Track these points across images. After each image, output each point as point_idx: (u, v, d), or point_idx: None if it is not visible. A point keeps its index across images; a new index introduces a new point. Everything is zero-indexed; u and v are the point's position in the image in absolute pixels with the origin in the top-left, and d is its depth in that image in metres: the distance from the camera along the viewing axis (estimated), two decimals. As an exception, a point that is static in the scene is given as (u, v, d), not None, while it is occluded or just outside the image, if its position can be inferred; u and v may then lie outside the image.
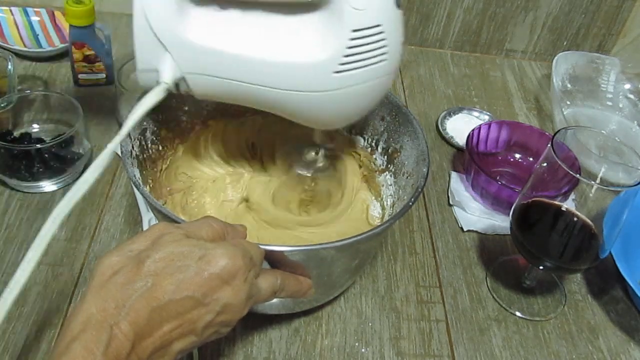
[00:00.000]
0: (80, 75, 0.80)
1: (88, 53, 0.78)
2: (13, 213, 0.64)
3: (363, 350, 0.57)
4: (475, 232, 0.70)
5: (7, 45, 0.83)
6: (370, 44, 0.48)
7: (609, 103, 0.93)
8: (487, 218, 0.72)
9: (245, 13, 0.48)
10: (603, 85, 0.94)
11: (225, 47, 0.47)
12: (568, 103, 0.92)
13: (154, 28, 0.46)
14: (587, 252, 0.56)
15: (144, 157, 0.58)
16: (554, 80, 0.87)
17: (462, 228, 0.71)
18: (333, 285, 0.56)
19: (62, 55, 0.86)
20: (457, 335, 0.60)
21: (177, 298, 0.37)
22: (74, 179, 0.68)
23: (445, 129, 0.85)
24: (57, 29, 0.89)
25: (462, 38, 1.01)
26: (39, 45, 0.87)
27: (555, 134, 0.54)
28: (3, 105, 0.68)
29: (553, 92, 0.88)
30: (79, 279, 0.59)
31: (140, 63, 0.48)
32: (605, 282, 0.67)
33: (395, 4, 0.48)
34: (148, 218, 0.64)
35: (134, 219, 0.65)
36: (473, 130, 0.76)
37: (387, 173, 0.64)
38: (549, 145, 0.53)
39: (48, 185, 0.67)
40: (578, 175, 0.51)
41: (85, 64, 0.79)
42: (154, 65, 0.48)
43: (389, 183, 0.63)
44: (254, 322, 0.58)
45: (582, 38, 1.02)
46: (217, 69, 0.48)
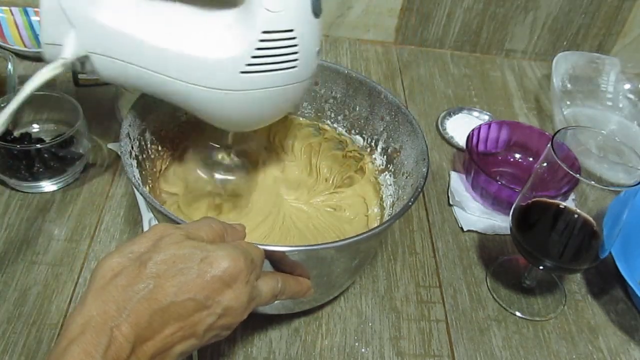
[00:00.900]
0: (80, 75, 0.80)
1: (88, 53, 0.78)
2: (13, 213, 0.64)
3: (363, 350, 0.57)
4: (475, 232, 0.70)
5: (7, 45, 0.83)
6: (281, 48, 0.47)
7: (609, 103, 0.93)
8: (487, 218, 0.72)
9: (162, 1, 0.48)
10: (603, 85, 0.94)
11: (133, 30, 0.47)
12: (568, 103, 0.92)
13: (62, 1, 0.46)
14: (587, 252, 0.56)
15: (144, 157, 0.58)
16: (554, 80, 0.87)
17: (462, 228, 0.71)
18: (333, 285, 0.56)
19: (62, 55, 0.86)
20: (457, 335, 0.60)
21: (178, 300, 0.37)
22: (74, 179, 0.69)
23: (445, 129, 0.85)
24: (57, 29, 0.89)
25: (462, 38, 1.01)
26: (39, 45, 0.86)
27: (555, 134, 0.54)
28: (3, 105, 0.68)
29: (553, 92, 0.88)
30: (79, 279, 0.59)
31: (45, 36, 0.48)
32: (605, 282, 0.67)
33: (312, 12, 0.48)
34: (148, 218, 0.64)
35: (134, 219, 0.65)
36: (473, 130, 0.76)
37: (386, 173, 0.64)
38: (549, 145, 0.53)
39: (48, 185, 0.67)
40: (578, 175, 0.51)
41: (85, 64, 0.79)
42: (58, 40, 0.47)
43: (389, 183, 0.63)
44: (254, 322, 0.58)
45: (582, 38, 1.02)
46: (122, 52, 0.48)
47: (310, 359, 0.56)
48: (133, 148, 0.55)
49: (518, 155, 0.79)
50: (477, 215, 0.72)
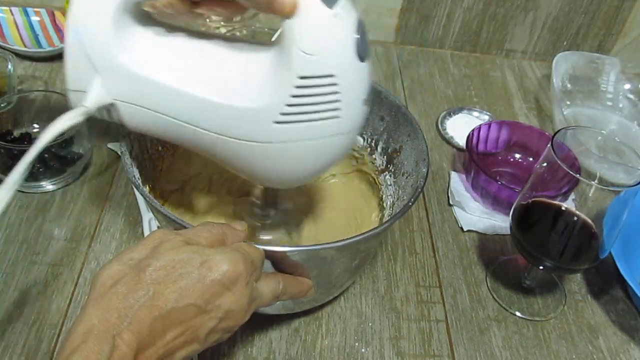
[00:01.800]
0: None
1: (88, 53, 0.77)
2: (13, 213, 0.64)
3: (363, 350, 0.57)
4: (475, 232, 0.70)
5: (7, 45, 0.83)
6: (319, 96, 0.42)
7: (609, 103, 0.93)
8: (487, 218, 0.72)
9: (192, 43, 0.44)
10: (603, 85, 0.94)
11: (161, 77, 0.43)
12: (568, 103, 0.92)
13: (87, 47, 0.42)
14: (587, 252, 0.56)
15: (144, 157, 0.58)
16: (554, 80, 0.87)
17: (462, 228, 0.71)
18: (333, 285, 0.56)
19: (62, 55, 0.85)
20: (457, 335, 0.60)
21: (179, 306, 0.37)
22: (74, 179, 0.68)
23: (445, 129, 0.85)
24: (57, 29, 0.89)
25: (462, 38, 1.01)
26: (39, 45, 0.87)
27: (555, 134, 0.54)
28: (3, 105, 0.68)
29: (553, 92, 0.88)
30: (79, 279, 0.59)
31: (70, 82, 0.44)
32: (605, 282, 0.67)
33: (357, 56, 0.42)
34: (148, 218, 0.64)
35: (134, 219, 0.65)
36: (473, 130, 0.76)
37: (386, 173, 0.64)
38: (549, 145, 0.53)
39: (48, 185, 0.67)
40: (578, 175, 0.51)
41: (85, 64, 0.79)
42: (84, 87, 0.44)
43: (389, 183, 0.63)
44: (254, 322, 0.57)
45: (582, 38, 1.02)
46: (148, 100, 0.44)
47: (310, 359, 0.56)
48: (133, 148, 0.55)
49: (518, 155, 0.79)
50: (477, 215, 0.72)
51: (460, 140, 0.82)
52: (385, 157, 0.64)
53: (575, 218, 0.55)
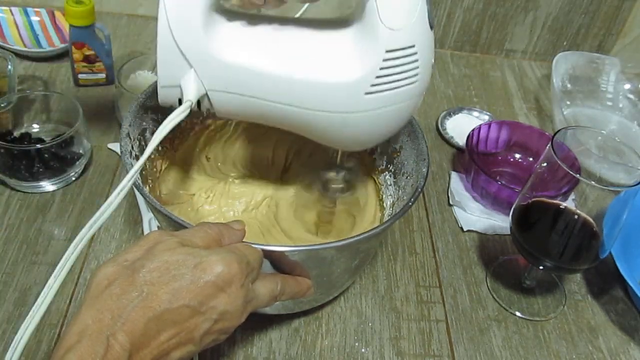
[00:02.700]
0: (80, 75, 0.80)
1: (88, 53, 0.78)
2: (13, 213, 0.64)
3: (363, 350, 0.57)
4: (475, 232, 0.70)
5: (7, 45, 0.83)
6: (403, 65, 0.46)
7: (609, 103, 0.93)
8: (487, 218, 0.72)
9: (275, 29, 0.47)
10: (603, 85, 0.94)
11: (253, 63, 0.46)
12: (568, 103, 0.92)
13: (179, 43, 0.44)
14: (587, 252, 0.56)
15: (144, 157, 0.58)
16: (554, 80, 0.87)
17: (462, 228, 0.71)
18: (333, 285, 0.56)
19: (62, 55, 0.86)
20: (457, 335, 0.60)
21: (173, 307, 0.37)
22: (74, 179, 0.68)
23: (445, 129, 0.85)
24: (57, 29, 0.89)
25: (462, 38, 1.01)
26: (39, 45, 0.87)
27: (555, 134, 0.54)
28: (3, 105, 0.68)
29: (553, 92, 0.88)
30: (79, 279, 0.59)
31: (163, 79, 0.47)
32: (605, 282, 0.67)
33: (430, 25, 0.47)
34: (148, 218, 0.64)
35: (134, 219, 0.65)
36: (473, 130, 0.76)
37: (386, 173, 0.64)
38: (549, 145, 0.53)
39: (48, 185, 0.67)
40: (578, 175, 0.51)
41: (85, 64, 0.79)
42: (177, 82, 0.46)
43: (389, 183, 0.63)
44: (254, 322, 0.58)
45: (582, 38, 1.02)
46: (242, 86, 0.47)
47: (310, 359, 0.56)
48: (133, 148, 0.55)
49: (518, 155, 0.79)
50: (477, 215, 0.72)
51: (460, 140, 0.82)
52: (385, 157, 0.64)
53: (576, 218, 0.55)
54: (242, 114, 0.50)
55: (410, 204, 0.51)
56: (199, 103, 0.48)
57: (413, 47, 0.46)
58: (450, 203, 0.74)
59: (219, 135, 0.66)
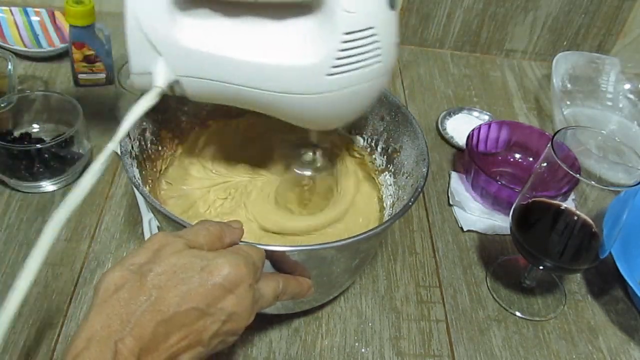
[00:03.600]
0: (80, 75, 0.80)
1: (88, 53, 0.78)
2: (13, 213, 0.64)
3: (363, 350, 0.57)
4: (475, 232, 0.70)
5: (7, 45, 0.83)
6: (363, 47, 0.47)
7: (609, 103, 0.93)
8: (487, 218, 0.72)
9: (238, 16, 0.48)
10: (603, 85, 0.94)
11: (218, 50, 0.48)
12: (568, 103, 0.92)
13: (147, 32, 0.46)
14: (587, 252, 0.56)
15: (144, 157, 0.58)
16: (554, 80, 0.87)
17: (462, 228, 0.71)
18: (333, 285, 0.56)
19: (62, 55, 0.86)
20: (457, 335, 0.60)
21: (181, 310, 0.37)
22: (74, 179, 0.68)
23: (445, 129, 0.85)
24: (57, 29, 0.89)
25: (462, 38, 1.01)
26: (39, 45, 0.87)
27: (555, 134, 0.54)
28: (3, 105, 0.68)
29: (553, 92, 0.88)
30: (79, 279, 0.59)
31: (135, 67, 0.49)
32: (605, 282, 0.67)
33: (389, 5, 0.48)
34: (148, 218, 0.64)
35: (134, 219, 0.65)
36: (473, 130, 0.76)
37: (386, 173, 0.64)
38: (549, 145, 0.53)
39: (48, 185, 0.67)
40: (578, 175, 0.51)
41: (85, 64, 0.79)
42: (148, 69, 0.48)
43: (389, 183, 0.63)
44: (254, 322, 0.57)
45: (582, 38, 1.02)
46: (210, 72, 0.48)
47: (310, 359, 0.56)
48: (133, 148, 0.55)
49: (518, 155, 0.79)
50: (477, 215, 0.72)
51: (460, 140, 0.82)
52: (385, 157, 0.64)
53: (575, 218, 0.55)
54: (213, 98, 0.52)
55: (410, 204, 0.51)
56: (172, 88, 0.49)
57: (372, 28, 0.47)
58: (450, 203, 0.74)
59: (219, 135, 0.66)
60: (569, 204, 0.55)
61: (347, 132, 0.67)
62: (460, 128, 0.84)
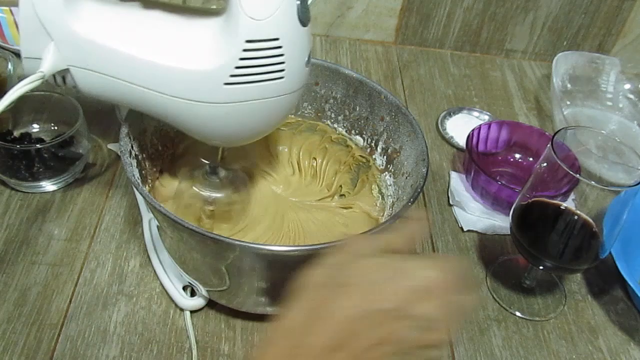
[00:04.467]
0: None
1: (88, 53, 0.77)
2: (13, 213, 0.64)
3: (363, 350, 0.57)
4: (475, 232, 0.70)
5: (7, 45, 0.83)
6: (265, 58, 0.45)
7: (609, 103, 0.93)
8: (487, 218, 0.72)
9: (143, 11, 0.47)
10: (603, 85, 0.94)
11: (113, 43, 0.45)
12: (568, 103, 0.92)
13: (40, 15, 0.44)
14: (587, 252, 0.56)
15: (144, 157, 0.58)
16: (554, 80, 0.87)
17: (462, 228, 0.71)
18: (333, 285, 0.56)
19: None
20: (457, 335, 0.60)
21: (374, 309, 0.35)
22: (74, 179, 0.69)
23: (445, 129, 0.85)
24: (57, 29, 0.89)
25: (462, 38, 1.01)
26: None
27: (555, 134, 0.54)
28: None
29: (553, 92, 0.88)
30: (79, 279, 0.59)
31: (25, 51, 0.47)
32: (605, 282, 0.67)
33: (299, 21, 0.46)
34: (148, 218, 0.64)
35: (134, 219, 0.65)
36: (473, 130, 0.76)
37: (386, 173, 0.64)
38: (549, 145, 0.53)
39: (48, 185, 0.67)
40: (578, 175, 0.51)
41: (85, 64, 0.79)
42: (38, 54, 0.46)
43: (389, 183, 0.63)
44: (254, 322, 0.58)
45: (582, 38, 1.02)
46: (103, 65, 0.46)
47: (310, 359, 0.56)
48: (133, 148, 0.55)
49: (518, 155, 0.79)
50: (477, 215, 0.72)
51: (460, 140, 0.82)
52: (385, 157, 0.64)
53: (576, 218, 0.55)
54: (105, 95, 0.49)
55: (410, 204, 0.51)
56: (64, 79, 0.48)
57: (277, 40, 0.45)
58: (450, 203, 0.74)
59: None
60: (569, 204, 0.55)
61: (347, 132, 0.67)
62: (460, 128, 0.84)
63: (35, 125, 0.72)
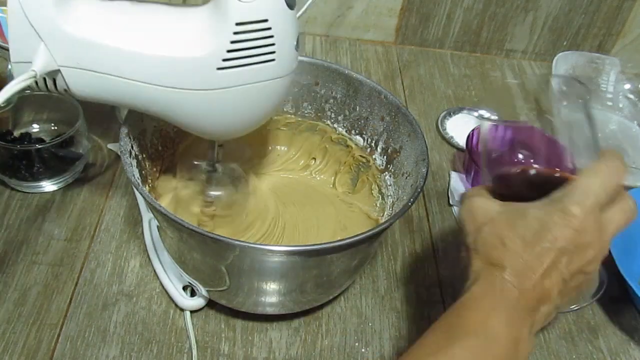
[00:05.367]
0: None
1: (88, 53, 0.77)
2: (13, 213, 0.64)
3: (363, 350, 0.57)
4: (475, 232, 0.70)
5: (7, 45, 0.83)
6: (256, 40, 0.46)
7: (609, 103, 0.93)
8: (487, 218, 0.71)
9: (131, 5, 0.47)
10: (603, 85, 0.94)
11: (105, 39, 0.45)
12: (566, 104, 0.92)
13: (29, 16, 0.44)
14: (587, 252, 0.56)
15: (144, 157, 0.58)
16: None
17: (462, 228, 0.71)
18: (333, 285, 0.56)
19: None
20: (457, 335, 0.59)
21: (554, 247, 0.43)
22: (74, 179, 0.69)
23: (445, 129, 0.85)
24: (57, 29, 0.89)
25: (462, 38, 1.01)
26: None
27: (554, 134, 0.54)
28: (3, 105, 0.68)
29: (553, 92, 0.88)
30: (79, 279, 0.59)
31: (15, 55, 0.46)
32: (605, 282, 0.67)
33: (286, 3, 0.46)
34: (148, 218, 0.64)
35: (134, 219, 0.65)
36: (473, 130, 0.76)
37: (386, 173, 0.64)
38: (548, 145, 0.53)
39: (48, 185, 0.67)
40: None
41: (85, 64, 0.79)
42: (28, 58, 0.45)
43: (389, 183, 0.63)
44: (254, 322, 0.58)
45: (582, 38, 1.02)
46: (95, 63, 0.46)
47: (310, 359, 0.56)
48: (133, 148, 0.55)
49: (520, 156, 0.79)
50: (477, 215, 0.72)
51: (460, 140, 0.82)
52: (385, 157, 0.64)
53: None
54: (98, 95, 0.49)
55: (410, 204, 0.51)
56: (55, 82, 0.47)
57: (266, 21, 0.45)
58: (450, 203, 0.74)
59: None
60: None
61: (347, 131, 0.67)
62: (460, 128, 0.84)
63: (35, 125, 0.72)
